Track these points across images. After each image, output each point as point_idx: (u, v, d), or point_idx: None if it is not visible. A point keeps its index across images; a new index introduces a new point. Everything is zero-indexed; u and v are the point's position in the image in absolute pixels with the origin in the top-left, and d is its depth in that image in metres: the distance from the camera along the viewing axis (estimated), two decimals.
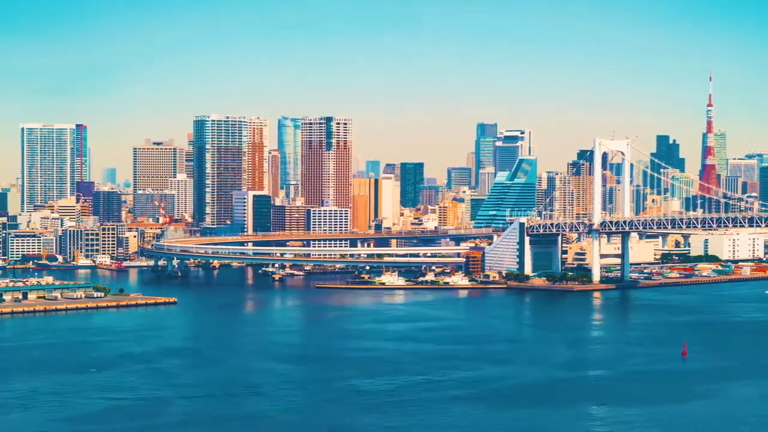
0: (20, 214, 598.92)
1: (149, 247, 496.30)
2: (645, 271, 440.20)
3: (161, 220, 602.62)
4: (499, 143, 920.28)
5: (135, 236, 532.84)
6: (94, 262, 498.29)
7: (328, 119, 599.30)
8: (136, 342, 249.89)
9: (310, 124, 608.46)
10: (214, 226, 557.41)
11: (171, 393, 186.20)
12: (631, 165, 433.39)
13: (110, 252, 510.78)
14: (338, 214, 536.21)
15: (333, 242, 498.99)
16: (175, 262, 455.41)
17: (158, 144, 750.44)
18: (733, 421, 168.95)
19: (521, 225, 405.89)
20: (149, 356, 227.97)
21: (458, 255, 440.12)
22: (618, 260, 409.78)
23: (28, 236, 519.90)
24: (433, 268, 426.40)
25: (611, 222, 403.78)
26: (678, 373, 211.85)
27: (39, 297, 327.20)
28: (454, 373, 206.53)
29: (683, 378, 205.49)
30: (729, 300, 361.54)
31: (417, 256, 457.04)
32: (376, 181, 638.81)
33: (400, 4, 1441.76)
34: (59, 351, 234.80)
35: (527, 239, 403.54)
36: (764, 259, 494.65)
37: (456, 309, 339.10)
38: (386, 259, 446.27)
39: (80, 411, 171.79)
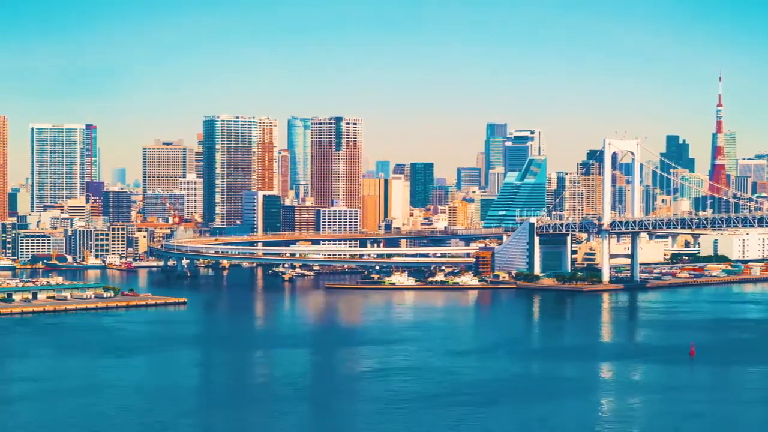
0: (30, 214, 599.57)
1: (159, 247, 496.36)
2: (654, 271, 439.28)
3: (171, 220, 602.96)
4: (508, 143, 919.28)
5: (145, 236, 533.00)
6: (103, 262, 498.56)
7: (338, 119, 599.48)
8: None
9: (320, 124, 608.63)
10: (224, 226, 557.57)
11: None
12: (641, 165, 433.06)
13: (120, 252, 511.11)
14: (348, 214, 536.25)
15: (343, 242, 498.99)
16: (184, 262, 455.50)
17: (168, 144, 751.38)
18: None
19: (531, 225, 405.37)
20: None
21: (468, 255, 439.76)
22: (627, 260, 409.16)
23: (38, 236, 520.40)
24: (443, 268, 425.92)
25: (621, 222, 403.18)
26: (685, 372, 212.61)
27: (49, 297, 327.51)
28: None
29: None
30: (738, 300, 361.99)
31: (427, 256, 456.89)
32: (386, 181, 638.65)
33: (409, 4, 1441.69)
34: None
35: (537, 239, 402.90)
36: None
37: None
38: (396, 259, 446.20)
39: None
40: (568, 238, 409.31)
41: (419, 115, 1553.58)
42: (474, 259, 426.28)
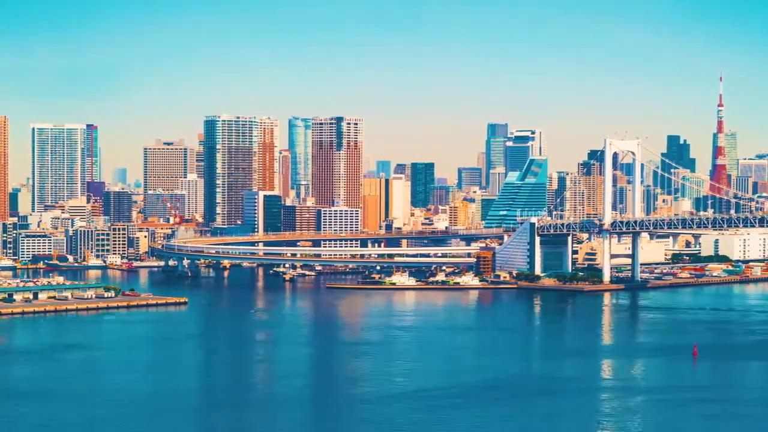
0: (31, 214, 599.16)
1: (160, 247, 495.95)
2: (655, 271, 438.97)
3: (172, 220, 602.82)
4: (509, 143, 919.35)
5: (145, 236, 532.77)
6: (104, 262, 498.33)
7: (339, 119, 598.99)
8: None
9: (321, 124, 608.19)
10: (225, 226, 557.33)
11: None
12: (642, 165, 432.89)
13: (121, 252, 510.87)
14: (349, 215, 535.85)
15: (343, 242, 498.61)
16: (185, 262, 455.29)
17: (169, 144, 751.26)
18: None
19: (532, 225, 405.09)
20: None
21: (469, 255, 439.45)
22: (628, 260, 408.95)
23: (39, 236, 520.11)
24: (444, 268, 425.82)
25: (622, 222, 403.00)
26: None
27: (50, 297, 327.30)
28: None
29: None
30: (740, 300, 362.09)
31: (427, 256, 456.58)
32: (387, 181, 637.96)
33: (409, 4, 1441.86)
34: None
35: (537, 239, 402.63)
36: None
37: None
38: (397, 259, 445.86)
39: None
40: (569, 238, 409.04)
41: (420, 115, 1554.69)
42: (475, 259, 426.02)
